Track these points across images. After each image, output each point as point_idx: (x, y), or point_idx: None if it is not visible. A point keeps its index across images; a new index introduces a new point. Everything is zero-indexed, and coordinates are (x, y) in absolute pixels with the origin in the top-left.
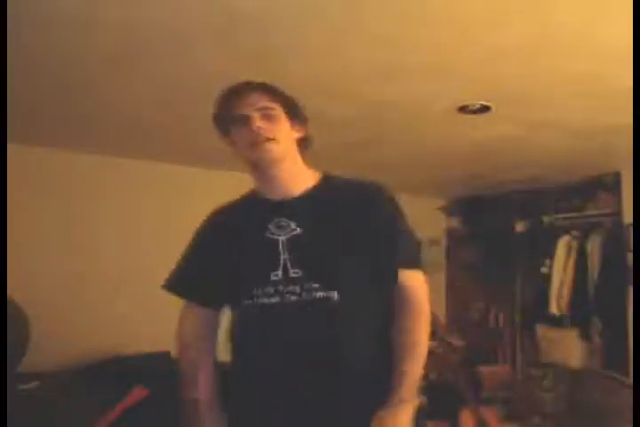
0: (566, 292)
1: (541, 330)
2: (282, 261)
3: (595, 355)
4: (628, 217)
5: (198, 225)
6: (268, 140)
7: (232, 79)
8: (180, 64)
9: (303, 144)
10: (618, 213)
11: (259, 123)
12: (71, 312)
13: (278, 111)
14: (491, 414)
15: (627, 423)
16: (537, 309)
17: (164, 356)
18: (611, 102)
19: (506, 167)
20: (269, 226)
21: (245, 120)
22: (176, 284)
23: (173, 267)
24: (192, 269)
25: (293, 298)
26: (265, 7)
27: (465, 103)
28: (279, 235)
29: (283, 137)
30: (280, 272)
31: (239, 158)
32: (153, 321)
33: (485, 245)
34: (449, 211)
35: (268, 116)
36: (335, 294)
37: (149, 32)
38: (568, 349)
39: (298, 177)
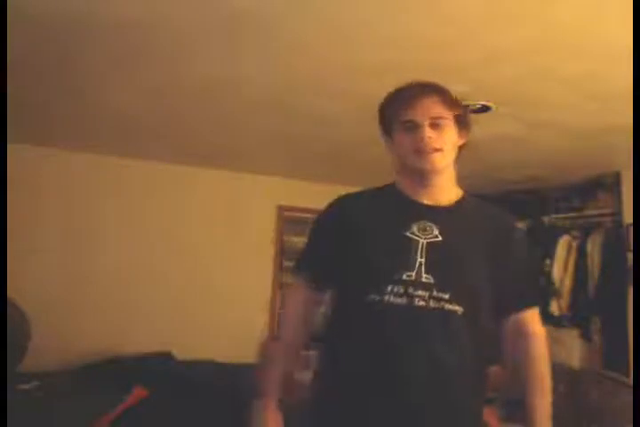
0: (566, 292)
1: None
2: (417, 264)
3: (595, 355)
4: (628, 217)
5: (201, 225)
6: (436, 150)
7: (233, 79)
8: (180, 64)
9: (460, 150)
10: (618, 213)
11: (429, 132)
12: (71, 312)
13: (449, 121)
14: (491, 414)
15: (627, 423)
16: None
17: (164, 356)
18: (611, 102)
19: (506, 167)
20: (413, 226)
21: (415, 127)
22: (305, 266)
23: (175, 267)
24: (317, 252)
25: (420, 303)
26: (266, 7)
27: (465, 103)
28: (420, 237)
29: (449, 148)
30: (413, 274)
31: (393, 159)
32: (153, 321)
33: None
34: None
35: (438, 125)
36: (461, 309)
37: (149, 32)
38: (568, 349)
39: (447, 189)
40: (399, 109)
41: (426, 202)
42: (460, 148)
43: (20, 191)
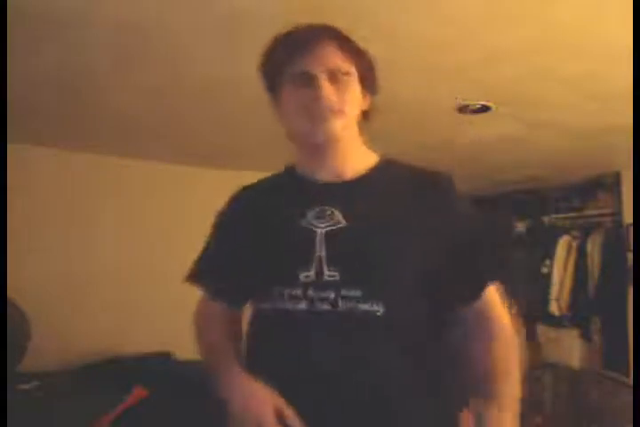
0: (566, 292)
1: (541, 330)
2: (316, 259)
3: (595, 355)
4: (628, 217)
5: (201, 225)
6: (334, 113)
7: (233, 79)
8: (180, 64)
9: (365, 117)
10: (618, 213)
11: (327, 89)
12: (71, 312)
13: (352, 75)
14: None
15: (627, 423)
16: (537, 309)
17: (164, 356)
18: (611, 102)
19: (506, 167)
20: (308, 213)
21: (308, 81)
22: (199, 276)
23: (175, 267)
24: (213, 259)
25: (325, 307)
26: (265, 7)
27: (465, 103)
28: (318, 226)
29: (352, 110)
30: (312, 273)
31: (281, 124)
32: (153, 321)
33: None
34: None
35: (338, 81)
36: (381, 308)
37: (149, 32)
38: (568, 349)
39: (353, 157)
40: (289, 58)
41: (324, 179)
42: (365, 113)
43: (20, 191)
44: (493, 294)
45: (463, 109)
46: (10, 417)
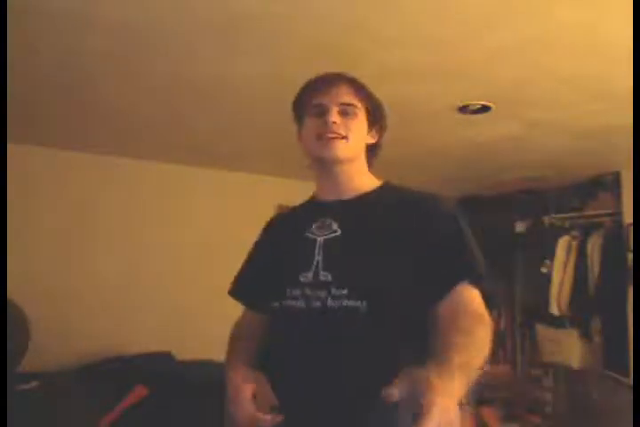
0: (566, 292)
1: (541, 330)
2: (314, 263)
3: (595, 355)
4: (628, 217)
5: (201, 225)
6: (340, 137)
7: (232, 79)
8: (179, 64)
9: (373, 151)
10: (618, 213)
11: (335, 117)
12: (71, 312)
13: (360, 111)
14: (490, 414)
15: (627, 423)
16: (537, 309)
17: (165, 356)
18: (611, 102)
19: (506, 167)
20: (312, 226)
21: (322, 111)
22: (235, 289)
23: (175, 267)
24: (247, 274)
25: (317, 304)
26: (265, 8)
27: (465, 103)
28: (318, 235)
29: (356, 138)
30: (310, 274)
31: (303, 152)
32: (153, 321)
33: (485, 245)
34: None
35: (346, 113)
36: (363, 305)
37: (149, 32)
38: (568, 349)
39: (357, 181)
40: (311, 94)
41: (329, 198)
42: (373, 147)
43: (20, 191)
44: (468, 294)
45: (463, 109)
46: (10, 417)
